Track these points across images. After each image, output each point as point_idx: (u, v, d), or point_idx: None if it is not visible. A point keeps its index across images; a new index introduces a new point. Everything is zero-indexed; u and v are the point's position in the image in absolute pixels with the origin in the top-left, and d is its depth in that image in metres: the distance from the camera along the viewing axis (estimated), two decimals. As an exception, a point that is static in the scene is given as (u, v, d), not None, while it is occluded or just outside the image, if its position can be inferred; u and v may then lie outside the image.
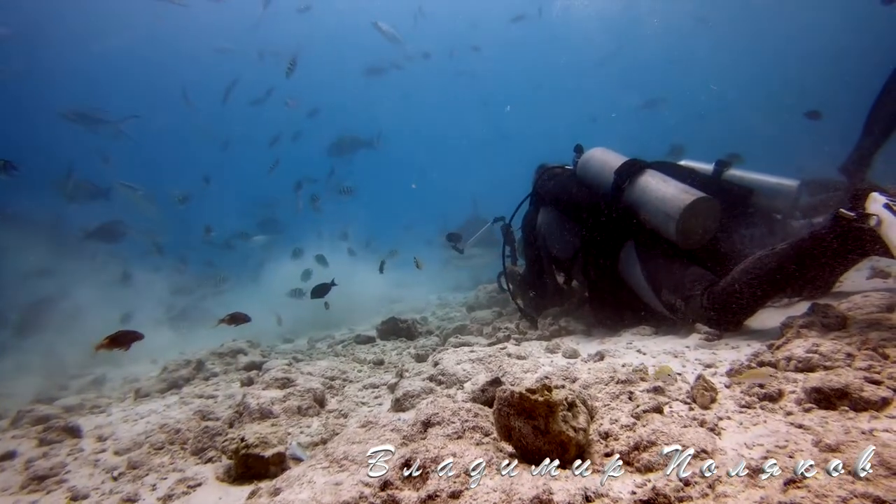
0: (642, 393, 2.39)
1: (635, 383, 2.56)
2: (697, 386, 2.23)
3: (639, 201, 4.06)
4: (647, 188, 4.02)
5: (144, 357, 7.75)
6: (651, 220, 3.97)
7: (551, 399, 1.85)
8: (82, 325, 8.58)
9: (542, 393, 1.87)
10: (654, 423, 1.95)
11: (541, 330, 4.74)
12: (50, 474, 2.88)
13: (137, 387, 5.19)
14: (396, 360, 4.64)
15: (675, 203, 3.78)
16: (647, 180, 4.09)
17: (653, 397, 2.28)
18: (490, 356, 3.66)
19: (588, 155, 4.71)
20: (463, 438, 2.12)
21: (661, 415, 2.10)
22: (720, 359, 2.83)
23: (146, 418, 3.89)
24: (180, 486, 2.40)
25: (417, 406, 3.14)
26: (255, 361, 5.31)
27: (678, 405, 2.23)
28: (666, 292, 3.79)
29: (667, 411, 2.17)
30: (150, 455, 2.95)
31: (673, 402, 2.29)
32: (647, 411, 2.15)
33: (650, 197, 3.97)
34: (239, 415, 3.25)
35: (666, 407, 2.21)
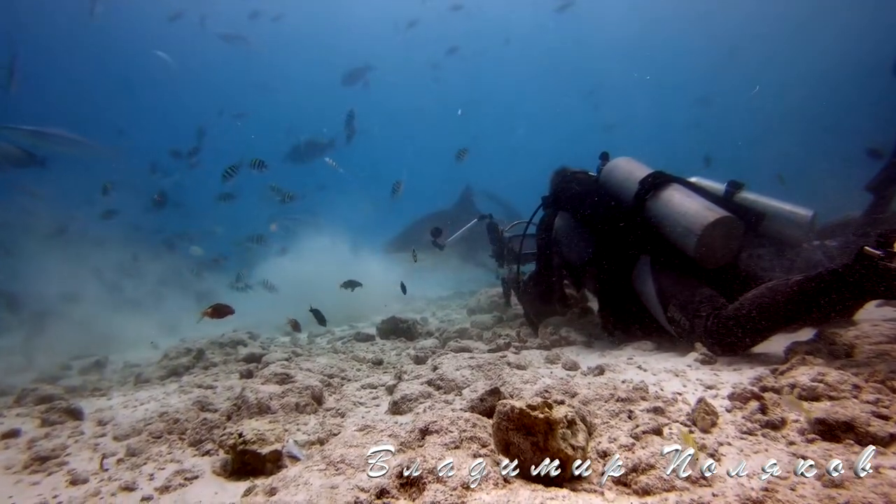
0: (642, 413, 2.38)
1: (635, 402, 2.55)
2: (699, 409, 2.23)
3: (660, 214, 4.03)
4: (671, 202, 3.99)
5: (144, 341, 7.82)
6: (671, 234, 3.93)
7: (551, 416, 1.85)
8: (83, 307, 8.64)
9: (542, 410, 1.86)
10: (654, 446, 1.95)
11: (541, 339, 4.73)
12: (51, 455, 2.90)
13: (138, 372, 5.22)
14: (395, 360, 4.65)
15: (697, 219, 3.74)
16: (671, 194, 4.06)
17: (653, 418, 2.27)
18: (489, 364, 3.66)
19: (613, 163, 4.70)
20: (460, 448, 2.12)
21: (661, 437, 2.10)
22: (722, 380, 2.81)
23: (146, 405, 3.91)
24: (177, 478, 2.41)
25: (415, 410, 3.15)
26: (254, 353, 5.32)
27: (678, 427, 2.22)
28: (673, 309, 3.75)
29: (666, 433, 2.16)
30: (148, 443, 2.96)
31: (673, 423, 2.28)
32: (647, 432, 2.14)
33: (672, 210, 3.93)
34: (237, 408, 3.26)
35: (666, 429, 2.20)
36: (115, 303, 9.68)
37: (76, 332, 7.62)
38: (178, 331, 8.60)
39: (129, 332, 8.09)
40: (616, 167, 4.63)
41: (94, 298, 9.04)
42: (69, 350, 6.74)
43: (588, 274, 4.74)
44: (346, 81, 20.99)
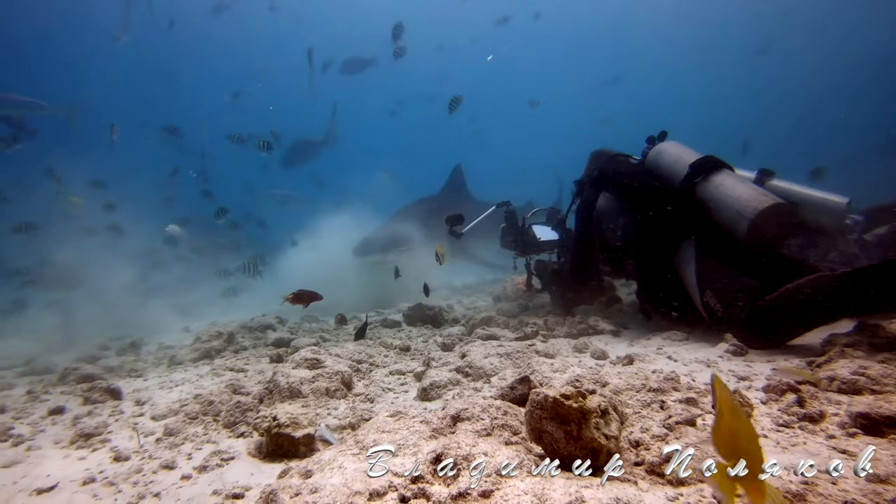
0: (675, 403, 2.36)
1: (667, 392, 2.54)
2: (733, 401, 2.20)
3: (711, 198, 4.01)
4: (723, 186, 3.97)
5: (177, 324, 8.00)
6: (722, 218, 3.91)
7: (585, 406, 1.85)
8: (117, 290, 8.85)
9: (576, 399, 1.87)
10: (689, 437, 1.93)
11: (568, 327, 4.71)
12: (95, 433, 3.00)
13: (171, 354, 5.35)
14: (423, 347, 4.68)
15: (751, 203, 3.72)
16: (723, 178, 4.05)
17: (686, 409, 2.25)
18: (518, 352, 3.67)
19: (661, 147, 4.68)
20: (492, 436, 2.13)
21: (695, 428, 2.08)
22: (755, 372, 2.78)
23: (180, 387, 4.01)
24: (215, 458, 2.48)
25: (444, 396, 3.18)
26: (283, 338, 5.40)
27: (712, 418, 2.20)
28: (709, 294, 3.72)
29: (700, 424, 2.14)
30: (185, 424, 3.04)
31: (706, 414, 2.26)
32: (680, 423, 2.13)
33: (724, 195, 3.91)
34: (269, 392, 3.33)
35: (699, 419, 2.18)
36: (148, 286, 9.91)
37: (111, 313, 7.83)
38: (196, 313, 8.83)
39: (159, 315, 8.30)
40: (665, 150, 4.61)
41: (129, 281, 9.25)
42: (106, 331, 6.93)
43: (628, 256, 4.72)
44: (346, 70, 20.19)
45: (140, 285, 9.68)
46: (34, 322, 8.49)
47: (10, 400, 3.99)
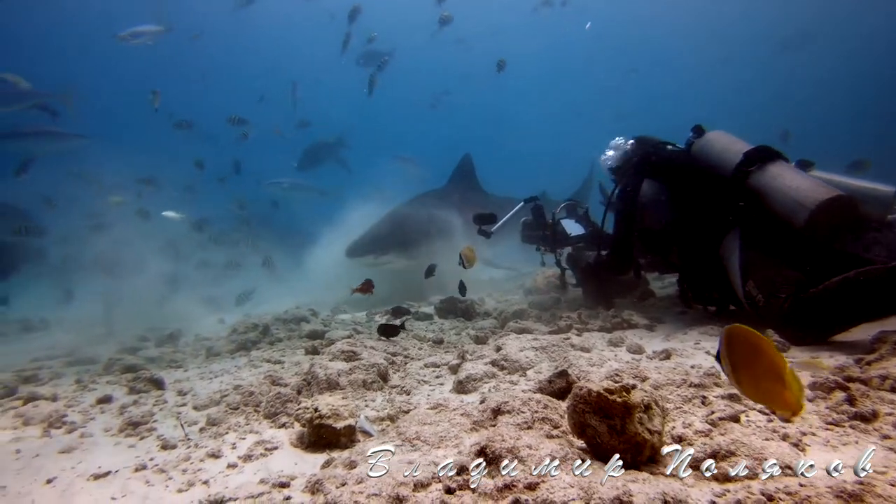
0: (717, 399, 2.34)
1: (709, 388, 2.51)
2: (779, 398, 2.17)
3: (767, 187, 3.97)
4: (781, 176, 3.93)
5: (209, 316, 8.18)
6: (778, 207, 3.86)
7: (629, 400, 1.84)
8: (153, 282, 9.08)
9: (620, 394, 1.86)
10: (734, 433, 1.92)
11: (602, 321, 4.68)
12: (142, 421, 3.10)
13: (209, 345, 5.48)
14: (456, 340, 4.70)
15: (812, 194, 3.67)
16: (780, 168, 4.01)
17: (729, 405, 2.23)
18: (553, 345, 3.67)
19: (711, 136, 4.63)
20: (533, 429, 2.15)
21: (739, 424, 2.06)
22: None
23: (220, 378, 4.10)
24: (258, 448, 2.54)
25: (480, 389, 3.20)
26: (317, 330, 5.48)
27: (756, 415, 2.18)
28: (752, 284, 3.69)
29: (744, 420, 2.12)
30: (226, 414, 3.12)
31: (750, 411, 2.23)
32: (724, 419, 2.11)
33: (782, 184, 3.87)
34: (307, 383, 3.39)
35: (743, 416, 2.16)
36: (178, 277, 10.11)
37: (147, 305, 8.04)
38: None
39: (192, 307, 8.50)
40: (714, 139, 4.57)
41: (165, 274, 9.48)
42: (142, 322, 7.12)
43: (670, 243, 4.68)
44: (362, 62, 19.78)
45: (171, 277, 9.90)
46: (76, 313, 8.78)
47: (60, 388, 4.14)
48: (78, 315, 8.52)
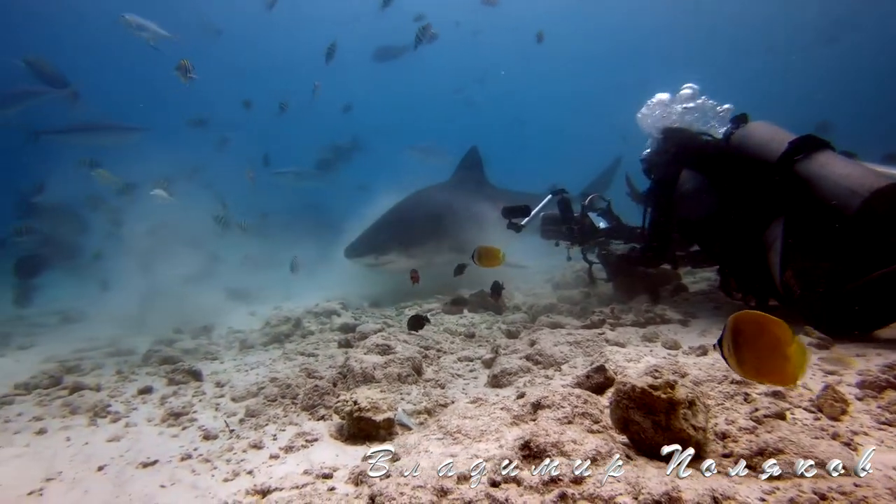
0: (760, 396, 2.31)
1: (751, 385, 2.47)
2: (825, 396, 2.14)
3: (815, 175, 3.90)
4: (830, 164, 3.86)
5: (239, 309, 8.30)
6: (828, 195, 3.80)
7: (674, 396, 1.84)
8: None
9: (664, 390, 1.86)
10: (781, 431, 1.89)
11: (635, 316, 4.64)
12: (182, 412, 3.18)
13: (242, 338, 5.57)
14: (487, 334, 4.70)
15: (865, 182, 3.59)
16: (829, 157, 3.94)
17: (773, 402, 2.20)
18: (588, 340, 3.65)
19: (753, 126, 4.58)
20: (573, 423, 2.14)
21: (786, 421, 2.03)
22: (845, 367, 2.67)
23: (256, 370, 4.17)
24: (299, 440, 2.58)
25: (514, 384, 3.20)
26: (348, 323, 5.53)
27: (801, 413, 2.15)
28: (791, 274, 3.64)
29: (790, 418, 2.09)
30: (265, 406, 3.17)
31: (795, 408, 2.20)
32: (769, 416, 2.08)
33: (832, 172, 3.80)
34: (343, 377, 3.43)
35: (788, 413, 2.13)
36: (212, 271, 10.26)
37: (180, 297, 8.18)
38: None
39: (222, 299, 8.64)
40: (756, 129, 4.51)
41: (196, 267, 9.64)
42: (176, 314, 7.25)
43: (710, 233, 4.63)
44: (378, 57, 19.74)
45: (203, 270, 10.05)
46: (112, 305, 9.00)
47: (103, 379, 4.26)
48: (114, 307, 8.74)
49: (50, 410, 3.53)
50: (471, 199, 8.95)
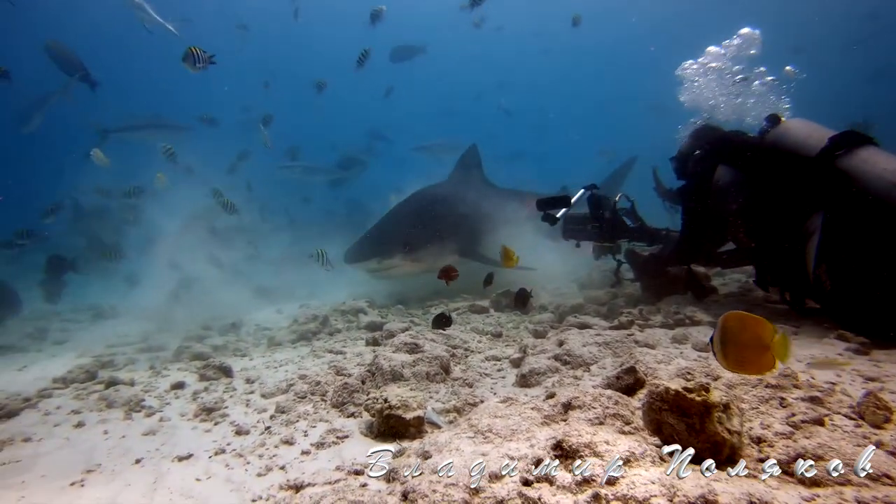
0: (797, 401, 2.26)
1: (787, 389, 2.44)
2: (867, 402, 2.09)
3: (858, 170, 3.88)
4: (873, 158, 3.86)
5: (270, 306, 8.41)
6: (870, 189, 3.77)
7: (709, 400, 1.81)
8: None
9: (699, 392, 1.84)
10: (820, 437, 1.86)
11: (664, 317, 4.59)
12: (214, 407, 3.24)
13: (270, 335, 5.65)
14: (514, 333, 4.69)
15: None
16: (872, 152, 3.94)
17: (811, 407, 2.16)
18: (617, 341, 3.63)
19: (790, 123, 4.57)
20: (604, 424, 2.13)
21: (825, 427, 2.00)
22: (887, 373, 2.62)
23: (285, 367, 4.23)
24: (330, 436, 2.61)
25: (543, 384, 3.20)
26: (375, 322, 5.57)
27: (841, 419, 2.10)
28: (825, 268, 3.65)
29: (829, 424, 2.05)
30: (295, 402, 3.21)
31: (834, 414, 2.15)
32: (807, 422, 2.05)
33: (875, 167, 3.79)
34: (371, 374, 3.45)
35: (827, 419, 2.09)
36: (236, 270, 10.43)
37: (210, 295, 8.33)
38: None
39: (247, 296, 8.77)
40: (794, 126, 4.50)
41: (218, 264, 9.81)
42: (203, 311, 7.37)
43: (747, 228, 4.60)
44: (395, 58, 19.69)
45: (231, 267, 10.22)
46: (142, 301, 9.20)
47: (136, 374, 4.36)
48: (144, 304, 8.94)
49: (87, 404, 3.63)
50: (473, 198, 8.73)
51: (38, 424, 3.29)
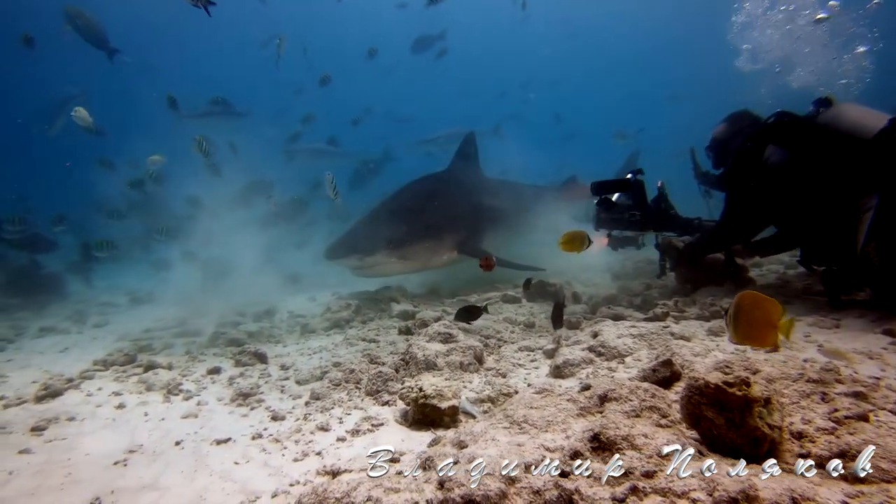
0: (840, 396, 2.21)
1: (829, 384, 2.37)
2: (915, 398, 2.03)
3: None
4: None
5: (302, 294, 8.53)
6: None
7: (750, 394, 1.79)
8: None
9: (739, 387, 1.81)
10: (865, 433, 1.82)
11: (699, 309, 4.51)
12: (251, 393, 3.32)
13: (304, 323, 5.73)
14: (547, 324, 4.67)
15: None
16: None
17: (854, 403, 2.11)
18: (652, 333, 3.58)
19: (843, 107, 4.53)
20: (641, 417, 2.11)
21: (870, 423, 1.95)
22: (934, 368, 2.53)
23: (318, 354, 4.29)
24: (365, 424, 2.65)
25: (577, 375, 3.18)
26: (407, 311, 5.60)
27: (887, 416, 2.05)
28: (875, 246, 3.65)
29: (874, 420, 2.00)
30: (329, 389, 3.27)
31: (879, 410, 2.10)
32: (850, 418, 2.00)
33: None
34: (405, 363, 3.48)
35: (871, 415, 2.04)
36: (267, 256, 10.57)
37: (245, 282, 8.49)
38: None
39: (279, 283, 8.91)
40: (847, 109, 4.46)
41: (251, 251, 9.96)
42: (237, 297, 7.52)
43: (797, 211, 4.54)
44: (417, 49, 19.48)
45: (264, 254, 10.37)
46: (177, 287, 9.44)
47: (173, 358, 4.48)
48: (179, 289, 9.17)
49: (127, 386, 3.75)
50: (473, 190, 8.13)
51: (81, 405, 3.42)
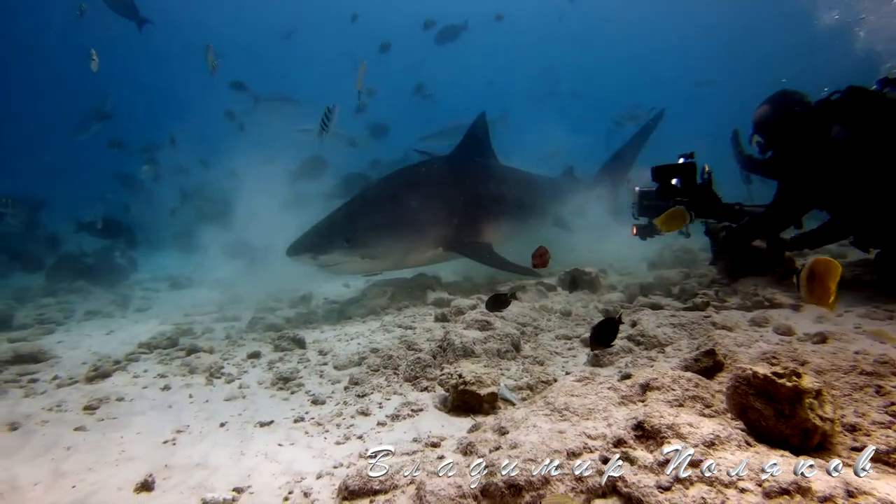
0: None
1: (885, 377, 2.29)
2: (977, 391, 1.94)
3: None
4: None
5: (336, 280, 8.62)
6: None
7: (801, 385, 1.74)
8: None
9: (790, 378, 1.76)
10: (925, 428, 1.75)
11: (741, 299, 4.40)
12: (291, 377, 3.38)
13: (339, 309, 5.80)
14: (583, 312, 4.62)
15: None
16: None
17: (912, 395, 2.03)
18: (693, 323, 3.52)
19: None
20: (684, 407, 2.08)
21: (928, 417, 1.88)
22: None
23: (356, 340, 4.33)
24: (405, 409, 2.68)
25: (616, 364, 3.15)
26: (443, 298, 5.60)
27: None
28: None
29: (934, 415, 1.93)
30: (368, 375, 3.30)
31: (938, 404, 2.02)
32: (908, 411, 1.93)
33: None
34: (442, 350, 3.49)
35: (931, 409, 1.96)
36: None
37: (280, 268, 8.61)
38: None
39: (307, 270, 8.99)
40: None
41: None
42: (273, 283, 7.64)
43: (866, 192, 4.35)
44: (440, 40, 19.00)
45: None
46: (215, 273, 9.66)
47: (214, 343, 4.60)
48: (217, 275, 9.39)
49: (171, 369, 3.86)
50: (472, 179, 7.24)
51: (129, 386, 3.55)
